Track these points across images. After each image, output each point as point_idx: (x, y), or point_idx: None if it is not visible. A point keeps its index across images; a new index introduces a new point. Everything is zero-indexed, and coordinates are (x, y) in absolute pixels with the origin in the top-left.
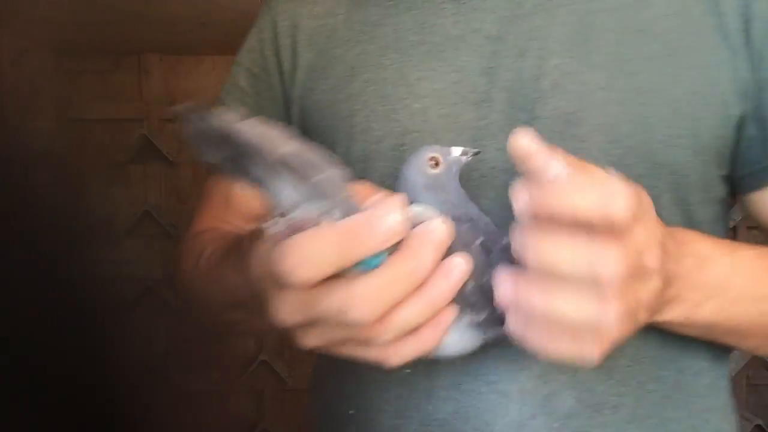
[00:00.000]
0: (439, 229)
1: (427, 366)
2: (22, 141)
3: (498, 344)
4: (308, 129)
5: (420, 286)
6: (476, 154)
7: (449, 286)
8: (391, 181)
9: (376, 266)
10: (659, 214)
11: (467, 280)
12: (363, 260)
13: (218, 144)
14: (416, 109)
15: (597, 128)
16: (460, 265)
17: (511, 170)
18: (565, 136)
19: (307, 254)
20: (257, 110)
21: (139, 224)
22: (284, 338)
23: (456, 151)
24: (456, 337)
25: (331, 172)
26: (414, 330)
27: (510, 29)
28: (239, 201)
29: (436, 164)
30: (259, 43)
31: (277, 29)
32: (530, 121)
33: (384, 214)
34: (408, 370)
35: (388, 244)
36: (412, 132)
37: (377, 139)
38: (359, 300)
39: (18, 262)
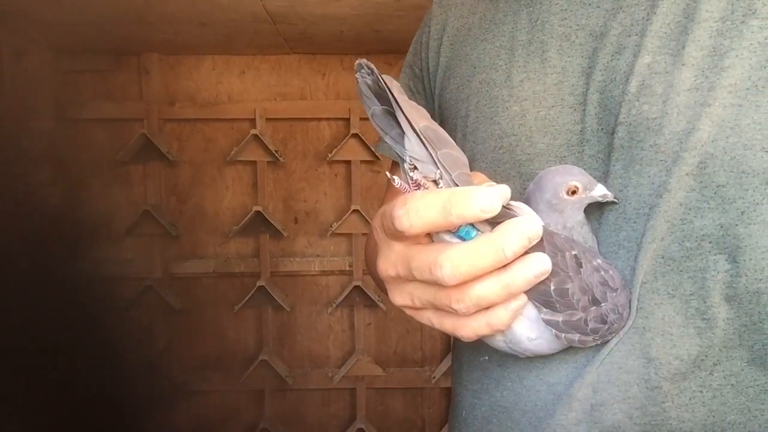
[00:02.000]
0: (530, 223)
1: (501, 357)
2: (23, 141)
3: (575, 346)
4: (442, 126)
5: (501, 269)
6: (613, 202)
7: (526, 275)
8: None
9: (471, 239)
10: (745, 231)
11: (549, 281)
12: (459, 232)
13: (377, 97)
14: (515, 112)
15: (676, 135)
16: (541, 261)
17: (604, 177)
18: (644, 146)
19: (416, 207)
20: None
21: (139, 224)
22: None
23: (598, 191)
24: (530, 330)
25: (455, 151)
26: (487, 308)
27: (612, 24)
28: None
29: (573, 193)
30: (419, 45)
31: (431, 33)
32: (615, 127)
33: (483, 192)
34: (485, 358)
35: (482, 217)
36: (510, 135)
37: (481, 140)
38: (447, 260)
39: (19, 261)
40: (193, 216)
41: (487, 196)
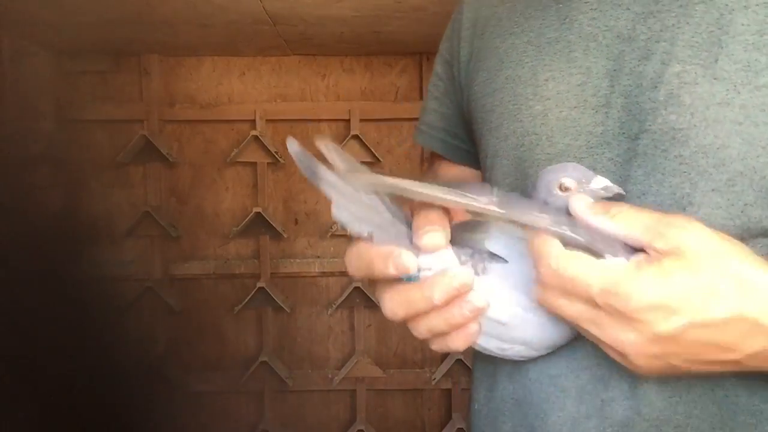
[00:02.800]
0: (457, 275)
1: None
2: (23, 142)
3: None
4: (470, 117)
5: (443, 306)
6: (620, 195)
7: (461, 313)
8: (511, 180)
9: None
10: (763, 242)
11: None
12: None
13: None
14: (538, 111)
15: (703, 149)
16: (476, 301)
17: (623, 182)
18: (668, 156)
19: (351, 263)
20: (445, 94)
21: (139, 225)
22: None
23: (597, 183)
24: (498, 342)
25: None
26: (444, 333)
27: (641, 28)
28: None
29: (565, 189)
30: (451, 32)
31: (462, 20)
32: (639, 134)
33: (399, 256)
34: None
35: (398, 275)
36: (531, 134)
37: (504, 137)
38: (386, 302)
39: (19, 262)
40: (193, 217)
41: (403, 260)
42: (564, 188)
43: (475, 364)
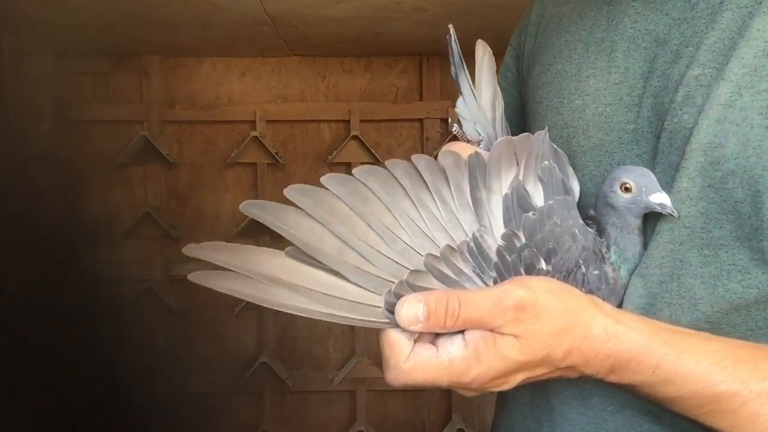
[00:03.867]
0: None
1: None
2: (23, 143)
3: None
4: (525, 108)
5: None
6: (671, 214)
7: None
8: None
9: None
10: (758, 246)
11: None
12: None
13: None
14: (577, 105)
15: (701, 147)
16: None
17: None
18: (672, 150)
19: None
20: (512, 85)
21: (139, 226)
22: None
23: (656, 198)
24: None
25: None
26: None
27: (675, 32)
28: None
29: (626, 190)
30: (521, 27)
31: (531, 17)
32: (659, 132)
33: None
34: None
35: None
36: (570, 126)
37: (547, 128)
38: None
39: (19, 263)
40: (193, 218)
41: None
42: (625, 188)
43: None
